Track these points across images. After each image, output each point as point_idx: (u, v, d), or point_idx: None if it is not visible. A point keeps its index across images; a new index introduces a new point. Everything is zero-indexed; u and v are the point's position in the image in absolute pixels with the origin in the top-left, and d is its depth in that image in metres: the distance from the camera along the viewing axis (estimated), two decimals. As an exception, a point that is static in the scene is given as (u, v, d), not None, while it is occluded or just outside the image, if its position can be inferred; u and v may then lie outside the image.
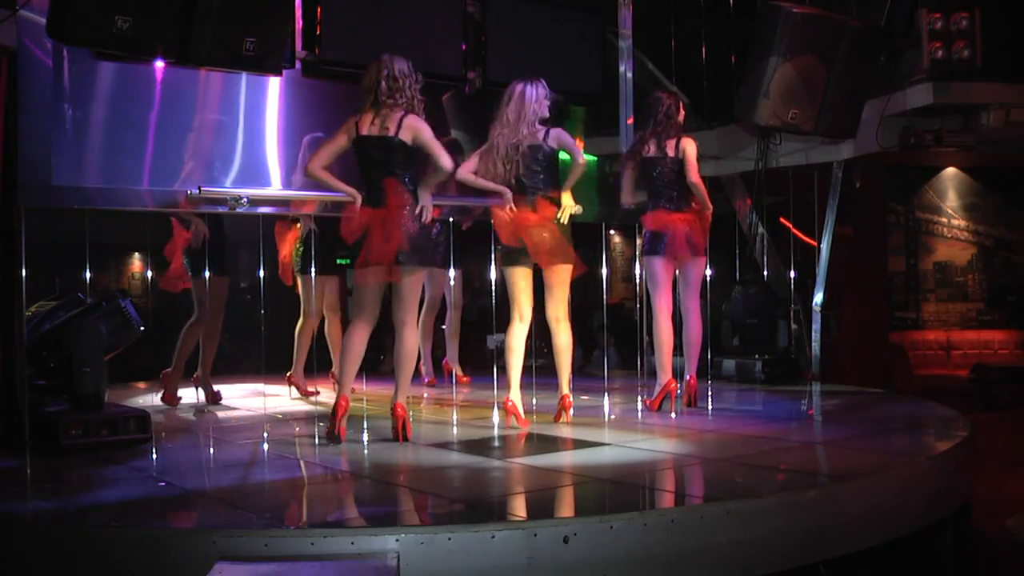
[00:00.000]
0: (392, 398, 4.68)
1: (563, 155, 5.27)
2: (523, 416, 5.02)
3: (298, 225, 6.56)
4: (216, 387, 6.38)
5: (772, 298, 7.48)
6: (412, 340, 4.73)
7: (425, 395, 6.69)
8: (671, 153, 5.59)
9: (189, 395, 6.44)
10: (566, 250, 5.12)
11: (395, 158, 4.65)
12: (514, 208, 5.09)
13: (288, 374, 6.59)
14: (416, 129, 4.64)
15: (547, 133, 5.12)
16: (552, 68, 6.03)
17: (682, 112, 5.75)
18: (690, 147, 5.60)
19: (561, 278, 5.12)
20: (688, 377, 5.69)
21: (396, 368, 4.71)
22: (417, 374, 5.51)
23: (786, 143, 7.28)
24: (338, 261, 6.11)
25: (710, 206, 5.63)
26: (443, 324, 7.25)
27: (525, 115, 5.08)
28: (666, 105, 5.67)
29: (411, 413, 5.55)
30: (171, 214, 5.96)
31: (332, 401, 4.72)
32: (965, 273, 11.78)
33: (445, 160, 4.66)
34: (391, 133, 4.61)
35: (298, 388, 6.59)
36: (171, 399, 6.21)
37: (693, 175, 5.55)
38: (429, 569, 2.87)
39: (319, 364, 6.62)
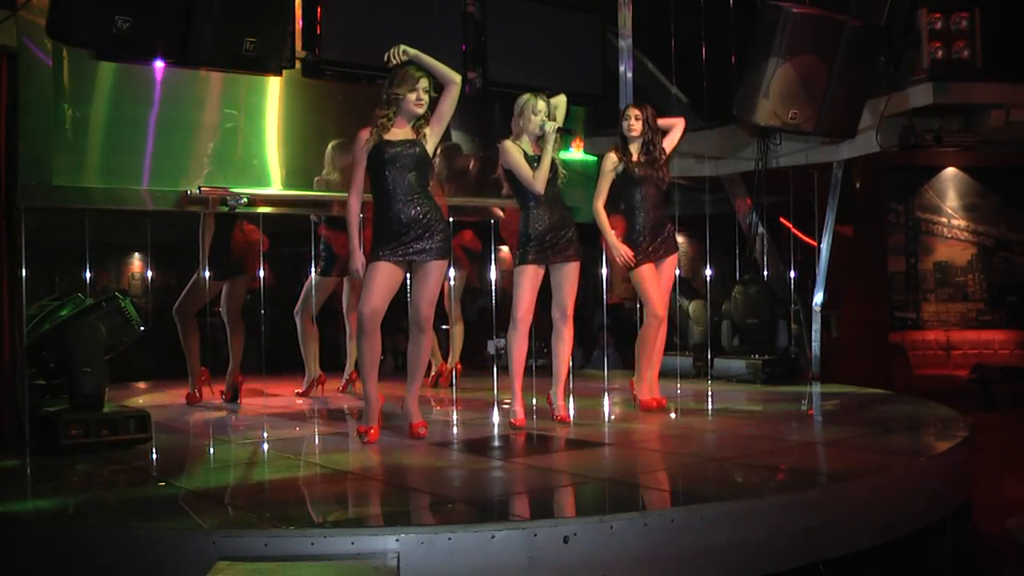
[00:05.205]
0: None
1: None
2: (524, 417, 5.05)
3: None
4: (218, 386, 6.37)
5: (772, 298, 7.47)
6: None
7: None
8: None
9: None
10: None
11: None
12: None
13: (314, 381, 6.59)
14: None
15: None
16: (552, 68, 6.03)
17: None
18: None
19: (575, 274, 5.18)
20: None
21: None
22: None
23: (786, 143, 7.27)
24: None
25: None
26: (444, 324, 7.24)
27: None
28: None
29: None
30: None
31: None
32: (965, 273, 11.76)
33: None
34: None
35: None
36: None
37: None
38: (429, 569, 2.87)
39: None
